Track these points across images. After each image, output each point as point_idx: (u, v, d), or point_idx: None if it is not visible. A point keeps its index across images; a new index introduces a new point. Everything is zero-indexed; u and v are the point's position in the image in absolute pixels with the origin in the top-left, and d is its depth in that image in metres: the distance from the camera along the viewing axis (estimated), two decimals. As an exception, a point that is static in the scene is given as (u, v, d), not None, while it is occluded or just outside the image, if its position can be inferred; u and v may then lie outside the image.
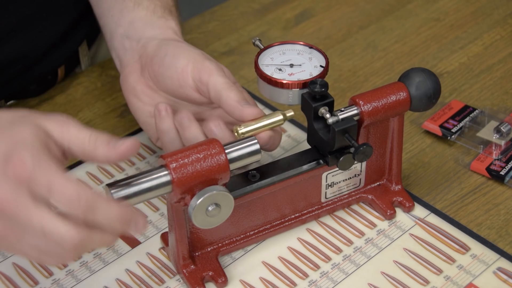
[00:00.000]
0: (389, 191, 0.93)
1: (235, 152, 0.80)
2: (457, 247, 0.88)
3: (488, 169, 0.96)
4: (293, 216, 0.90)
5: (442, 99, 1.06)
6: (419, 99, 0.86)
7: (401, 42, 1.19)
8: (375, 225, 0.91)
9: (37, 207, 0.68)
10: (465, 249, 0.88)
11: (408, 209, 0.92)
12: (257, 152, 0.81)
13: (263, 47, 0.89)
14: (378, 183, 0.93)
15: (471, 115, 1.03)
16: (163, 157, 0.77)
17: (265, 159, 0.83)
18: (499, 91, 1.10)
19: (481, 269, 0.86)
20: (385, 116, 0.85)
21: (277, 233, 0.90)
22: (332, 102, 0.84)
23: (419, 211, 0.92)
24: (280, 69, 0.86)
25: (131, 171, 0.98)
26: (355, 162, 0.83)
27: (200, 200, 0.77)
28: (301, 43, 0.89)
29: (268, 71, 0.86)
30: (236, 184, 0.84)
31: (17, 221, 0.68)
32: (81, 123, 1.04)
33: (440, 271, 0.86)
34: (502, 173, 0.96)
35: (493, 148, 0.98)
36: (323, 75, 0.86)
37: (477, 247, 0.88)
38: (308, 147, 0.88)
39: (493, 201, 0.94)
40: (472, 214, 0.93)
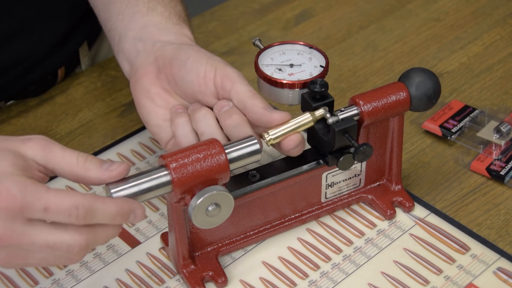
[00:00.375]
0: (389, 191, 0.93)
1: (235, 152, 0.80)
2: (457, 247, 0.88)
3: (488, 169, 0.96)
4: (293, 216, 0.90)
5: (442, 99, 1.06)
6: (419, 99, 0.86)
7: (401, 42, 1.19)
8: (375, 225, 0.91)
9: (35, 229, 0.69)
10: (465, 249, 0.88)
11: (408, 209, 0.92)
12: (257, 152, 0.81)
13: (263, 47, 0.89)
14: (378, 183, 0.93)
15: (471, 115, 1.03)
16: (163, 157, 0.77)
17: (265, 159, 0.83)
18: (499, 91, 1.10)
19: (481, 269, 0.86)
20: (385, 116, 0.85)
21: (277, 233, 0.89)
22: (332, 102, 0.84)
23: (419, 211, 0.92)
24: (280, 69, 0.86)
25: (131, 171, 0.98)
26: (355, 162, 0.83)
27: (200, 200, 0.77)
28: (301, 43, 0.89)
29: (268, 71, 0.86)
30: (236, 184, 0.84)
31: (20, 248, 0.70)
32: (81, 123, 1.04)
33: (440, 271, 0.86)
34: (502, 173, 0.96)
35: (493, 148, 0.98)
36: (323, 75, 0.86)
37: (477, 247, 0.88)
38: (308, 147, 0.88)
39: (493, 201, 0.94)
40: (472, 214, 0.93)
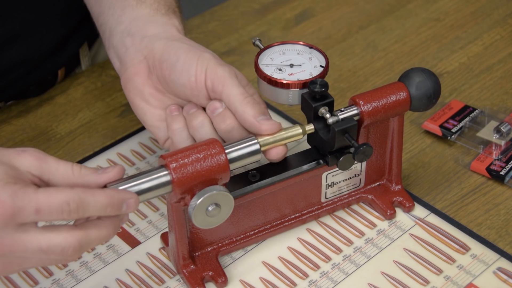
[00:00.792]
0: (389, 191, 0.93)
1: (235, 152, 0.80)
2: (457, 247, 0.88)
3: (488, 169, 0.96)
4: (293, 216, 0.90)
5: (442, 99, 1.06)
6: (419, 99, 0.86)
7: (401, 42, 1.19)
8: (375, 225, 0.91)
9: (27, 234, 0.69)
10: (465, 249, 0.88)
11: (408, 209, 0.92)
12: (257, 152, 0.81)
13: (263, 47, 0.89)
14: (378, 183, 0.93)
15: (471, 115, 1.03)
16: (163, 157, 0.77)
17: (265, 159, 0.83)
18: (499, 91, 1.10)
19: (481, 269, 0.86)
20: (385, 116, 0.85)
21: (277, 233, 0.89)
22: (332, 102, 0.84)
23: (419, 211, 0.92)
24: (280, 69, 0.86)
25: (131, 171, 0.98)
26: (355, 162, 0.83)
27: (200, 200, 0.77)
28: (301, 43, 0.89)
29: (268, 71, 0.86)
30: (236, 184, 0.84)
31: (14, 256, 0.70)
32: (81, 123, 1.04)
33: (440, 271, 0.86)
34: (502, 173, 0.96)
35: (493, 148, 0.98)
36: (323, 75, 0.86)
37: (477, 247, 0.88)
38: (308, 147, 0.88)
39: (493, 201, 0.94)
40: (472, 214, 0.93)
